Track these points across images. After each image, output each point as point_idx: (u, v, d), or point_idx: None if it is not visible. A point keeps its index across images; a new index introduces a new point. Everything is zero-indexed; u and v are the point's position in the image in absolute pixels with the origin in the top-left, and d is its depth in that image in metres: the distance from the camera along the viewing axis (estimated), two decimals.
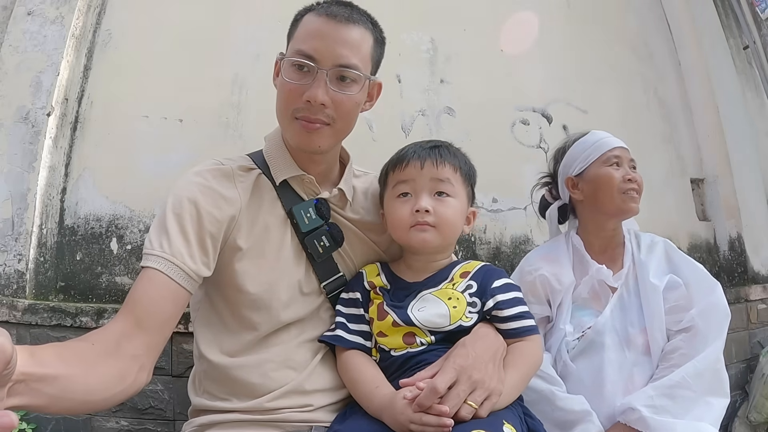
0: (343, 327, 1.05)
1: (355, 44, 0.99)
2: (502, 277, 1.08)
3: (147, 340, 0.87)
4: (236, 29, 2.03)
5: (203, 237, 0.95)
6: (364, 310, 1.06)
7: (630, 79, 2.68)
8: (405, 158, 1.06)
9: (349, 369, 1.02)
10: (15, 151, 1.80)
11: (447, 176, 1.05)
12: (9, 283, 1.71)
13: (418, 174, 1.04)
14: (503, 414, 0.92)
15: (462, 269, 1.09)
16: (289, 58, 0.99)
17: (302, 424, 0.99)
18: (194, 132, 1.91)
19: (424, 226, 1.03)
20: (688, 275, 1.35)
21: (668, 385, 1.21)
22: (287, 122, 1.02)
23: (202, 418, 1.02)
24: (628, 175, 1.37)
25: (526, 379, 1.02)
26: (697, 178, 2.81)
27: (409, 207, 1.03)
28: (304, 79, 0.97)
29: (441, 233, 1.04)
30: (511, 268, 2.04)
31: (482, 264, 1.11)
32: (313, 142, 1.00)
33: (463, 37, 2.30)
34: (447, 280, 1.07)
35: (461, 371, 0.89)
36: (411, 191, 1.05)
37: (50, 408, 0.76)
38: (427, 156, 1.05)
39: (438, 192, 1.04)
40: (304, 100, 0.97)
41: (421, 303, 1.03)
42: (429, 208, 1.02)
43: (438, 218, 1.03)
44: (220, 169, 1.03)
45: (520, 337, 1.03)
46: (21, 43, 1.90)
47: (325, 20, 0.98)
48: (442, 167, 1.04)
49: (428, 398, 0.85)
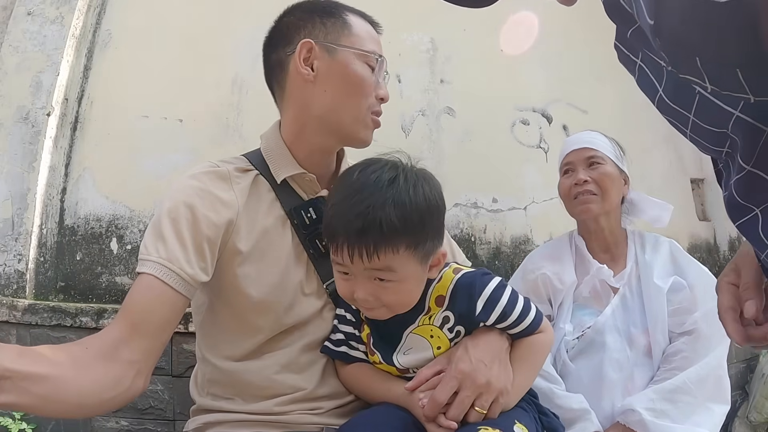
0: (346, 344, 1.02)
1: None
2: (480, 294, 0.91)
3: (144, 346, 0.86)
4: (236, 29, 2.02)
5: (200, 242, 0.93)
6: (358, 331, 1.01)
7: (630, 79, 2.64)
8: (333, 238, 0.87)
9: (357, 382, 1.01)
10: (15, 151, 1.80)
11: (385, 265, 0.83)
12: (9, 283, 1.71)
13: (349, 262, 0.85)
14: (515, 413, 0.90)
15: (436, 292, 0.94)
16: (368, 53, 1.03)
17: (312, 425, 0.98)
18: (194, 132, 1.91)
19: (366, 309, 0.90)
20: (693, 278, 1.34)
21: (669, 389, 1.21)
22: (361, 115, 1.03)
23: (207, 416, 1.01)
24: (576, 179, 1.38)
25: (534, 372, 0.98)
26: (697, 178, 2.81)
27: (350, 288, 0.88)
28: (373, 77, 1.03)
29: (392, 310, 0.90)
30: (511, 268, 2.05)
31: (455, 280, 0.93)
32: (371, 138, 1.07)
33: (463, 37, 2.30)
34: (423, 311, 0.94)
35: (464, 377, 0.87)
36: (348, 272, 0.87)
37: (42, 409, 0.75)
38: (355, 245, 0.83)
39: (378, 278, 0.85)
40: (378, 98, 1.04)
41: (406, 345, 0.95)
42: (368, 299, 0.86)
43: (382, 303, 0.87)
44: (216, 171, 1.01)
45: (526, 336, 0.96)
46: (21, 43, 1.91)
47: (371, 27, 1.07)
48: (375, 259, 0.82)
49: (432, 410, 0.85)
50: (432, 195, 0.88)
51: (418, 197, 0.85)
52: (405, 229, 0.83)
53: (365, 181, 0.86)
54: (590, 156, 1.39)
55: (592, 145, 1.41)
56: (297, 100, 1.04)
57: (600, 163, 1.38)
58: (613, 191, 1.38)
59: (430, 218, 0.87)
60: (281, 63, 1.05)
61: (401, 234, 0.83)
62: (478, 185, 2.15)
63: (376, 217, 0.82)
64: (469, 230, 2.11)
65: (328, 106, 1.01)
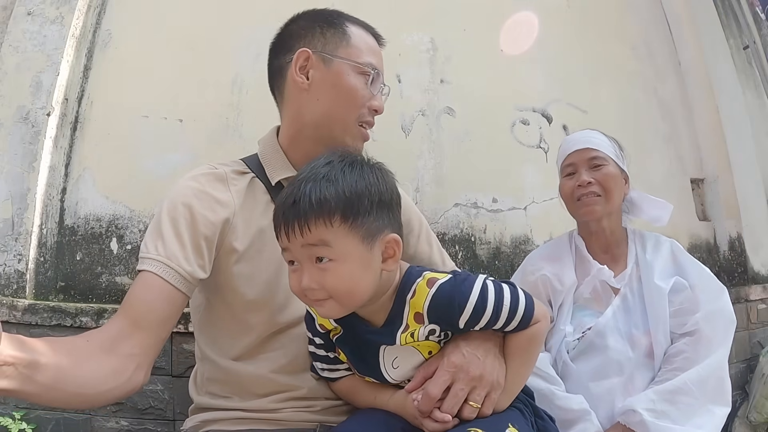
0: (327, 370, 1.00)
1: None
2: (462, 313, 0.85)
3: (144, 340, 0.88)
4: (236, 29, 2.02)
5: (198, 240, 0.95)
6: (332, 353, 0.99)
7: (630, 79, 2.68)
8: (275, 224, 0.85)
9: (346, 396, 1.01)
10: (15, 151, 1.80)
11: (319, 238, 0.80)
12: (9, 283, 1.71)
13: (287, 244, 0.83)
14: (510, 416, 0.89)
15: (412, 309, 0.88)
16: (363, 65, 1.04)
17: (307, 423, 0.99)
18: (194, 132, 1.91)
19: (316, 302, 0.84)
20: (695, 278, 1.34)
21: (670, 390, 1.20)
22: (350, 125, 1.05)
23: (204, 415, 1.03)
24: (579, 181, 1.37)
25: (529, 366, 0.94)
26: (697, 178, 2.81)
27: (298, 279, 0.83)
28: (367, 89, 1.04)
29: (340, 303, 0.83)
30: (511, 268, 2.05)
31: (430, 295, 0.86)
32: (361, 148, 1.08)
33: (463, 37, 2.30)
34: (401, 328, 0.88)
35: (457, 370, 0.86)
36: (294, 259, 0.84)
37: (42, 397, 0.76)
38: (288, 219, 0.81)
39: (318, 258, 0.81)
40: (371, 110, 1.05)
41: (391, 355, 0.91)
42: (313, 286, 0.81)
43: (328, 291, 0.81)
44: (214, 173, 1.04)
45: (519, 331, 0.90)
46: (21, 43, 1.91)
47: (372, 40, 1.08)
48: (306, 231, 0.79)
49: (426, 405, 0.85)
50: (374, 179, 0.85)
51: (354, 175, 0.83)
52: (337, 200, 0.80)
53: (303, 170, 0.86)
54: (592, 157, 1.38)
55: (594, 145, 1.40)
56: (293, 106, 1.07)
57: (602, 164, 1.38)
58: (616, 192, 1.38)
59: (369, 196, 0.82)
60: (281, 70, 1.08)
61: (332, 204, 0.80)
62: (478, 185, 2.15)
63: (306, 190, 0.81)
64: (469, 230, 2.11)
65: (319, 115, 1.04)
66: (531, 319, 0.88)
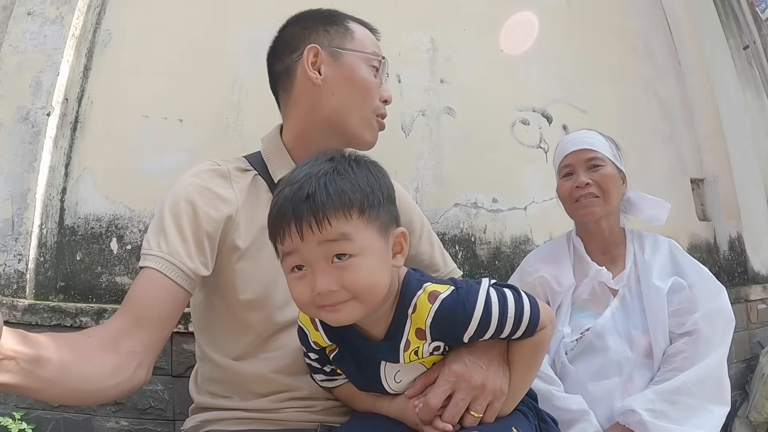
0: (326, 381, 0.99)
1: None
2: (466, 330, 0.82)
3: (146, 337, 0.87)
4: (236, 29, 2.02)
5: (200, 236, 0.95)
6: (328, 365, 0.97)
7: (630, 79, 2.68)
8: (278, 227, 0.77)
9: (347, 399, 1.01)
10: (15, 151, 1.80)
11: (339, 232, 0.74)
12: (9, 283, 1.71)
13: (297, 245, 0.75)
14: (513, 419, 0.88)
15: (414, 324, 0.83)
16: (372, 56, 1.07)
17: (307, 423, 0.99)
18: (194, 132, 1.91)
19: (333, 307, 0.76)
20: (693, 278, 1.33)
21: (669, 390, 1.20)
22: (367, 117, 1.07)
23: (205, 414, 1.02)
24: (577, 182, 1.37)
25: (532, 373, 0.92)
26: (697, 178, 2.81)
27: (309, 285, 0.76)
28: (377, 80, 1.08)
29: (362, 302, 0.77)
30: (511, 269, 2.05)
31: (433, 312, 0.82)
32: (375, 140, 1.11)
33: (463, 37, 2.30)
34: (403, 345, 0.85)
35: (458, 379, 0.84)
36: (303, 262, 0.76)
37: (43, 393, 0.76)
38: (302, 215, 0.73)
39: (337, 255, 0.75)
40: (382, 100, 1.09)
41: (393, 370, 0.89)
42: (332, 288, 0.74)
43: (348, 291, 0.75)
44: (216, 170, 1.03)
45: (525, 338, 0.88)
46: (21, 43, 1.90)
47: (370, 33, 1.11)
48: (326, 225, 0.73)
49: (427, 414, 0.84)
50: (380, 174, 0.83)
51: (363, 169, 0.80)
52: (353, 190, 0.75)
53: (301, 168, 0.81)
54: (590, 157, 1.38)
55: (591, 146, 1.39)
56: (305, 103, 1.06)
57: (600, 164, 1.37)
58: (614, 192, 1.38)
59: (380, 189, 0.80)
60: (288, 69, 1.08)
61: (349, 195, 0.75)
62: (478, 185, 2.15)
63: (321, 182, 0.75)
64: (469, 230, 2.11)
65: (336, 109, 1.05)
66: (537, 326, 0.85)
